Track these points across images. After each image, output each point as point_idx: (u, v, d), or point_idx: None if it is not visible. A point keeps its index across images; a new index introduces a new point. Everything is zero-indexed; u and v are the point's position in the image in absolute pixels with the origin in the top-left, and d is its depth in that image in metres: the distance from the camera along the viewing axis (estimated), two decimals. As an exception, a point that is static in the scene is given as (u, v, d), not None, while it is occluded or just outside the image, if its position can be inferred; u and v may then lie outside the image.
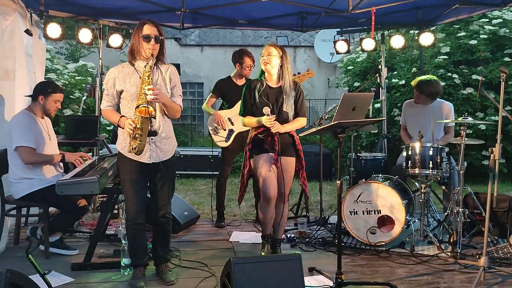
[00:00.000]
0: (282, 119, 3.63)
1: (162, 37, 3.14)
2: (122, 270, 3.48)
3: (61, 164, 4.08)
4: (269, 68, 3.65)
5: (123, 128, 3.12)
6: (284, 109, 3.64)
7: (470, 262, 3.66)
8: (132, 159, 3.17)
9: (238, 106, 4.68)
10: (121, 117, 3.13)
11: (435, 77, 4.85)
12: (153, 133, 3.12)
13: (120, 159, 3.26)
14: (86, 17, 5.27)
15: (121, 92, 3.16)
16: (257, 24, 5.87)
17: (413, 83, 4.88)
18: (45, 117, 4.01)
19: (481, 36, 7.49)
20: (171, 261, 3.61)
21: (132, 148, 3.05)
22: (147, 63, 3.06)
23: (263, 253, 3.80)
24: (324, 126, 3.29)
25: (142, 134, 3.03)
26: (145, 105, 2.99)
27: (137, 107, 3.01)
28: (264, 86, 3.68)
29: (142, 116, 3.01)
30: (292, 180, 3.80)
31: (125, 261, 3.46)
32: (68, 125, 5.43)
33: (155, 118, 3.11)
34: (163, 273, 3.37)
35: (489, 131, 7.09)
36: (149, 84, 3.03)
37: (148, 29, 3.11)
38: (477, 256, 3.66)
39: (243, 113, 3.75)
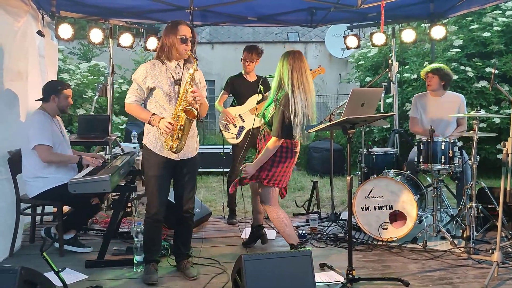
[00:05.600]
0: None
1: (195, 38, 3.22)
2: (135, 267, 3.52)
3: (75, 162, 4.13)
4: None
5: (153, 126, 3.18)
6: None
7: (484, 257, 3.63)
8: (160, 155, 3.22)
9: (249, 102, 4.71)
10: (153, 114, 3.17)
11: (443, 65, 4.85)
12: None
13: (147, 155, 3.28)
14: (97, 17, 5.32)
15: (152, 89, 3.20)
16: (267, 21, 5.86)
17: (422, 72, 4.84)
18: (57, 116, 4.06)
19: (495, 28, 7.36)
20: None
21: (170, 147, 3.15)
22: (192, 68, 3.15)
23: None
24: (333, 122, 3.28)
25: (184, 134, 3.14)
26: (194, 108, 3.09)
27: (185, 109, 3.09)
28: None
29: (187, 118, 3.10)
30: None
31: (138, 258, 3.50)
32: (81, 124, 5.49)
33: (202, 122, 3.18)
34: (185, 268, 3.43)
35: (503, 124, 6.97)
36: (191, 86, 3.14)
37: (184, 30, 3.17)
38: (491, 251, 3.62)
39: None
